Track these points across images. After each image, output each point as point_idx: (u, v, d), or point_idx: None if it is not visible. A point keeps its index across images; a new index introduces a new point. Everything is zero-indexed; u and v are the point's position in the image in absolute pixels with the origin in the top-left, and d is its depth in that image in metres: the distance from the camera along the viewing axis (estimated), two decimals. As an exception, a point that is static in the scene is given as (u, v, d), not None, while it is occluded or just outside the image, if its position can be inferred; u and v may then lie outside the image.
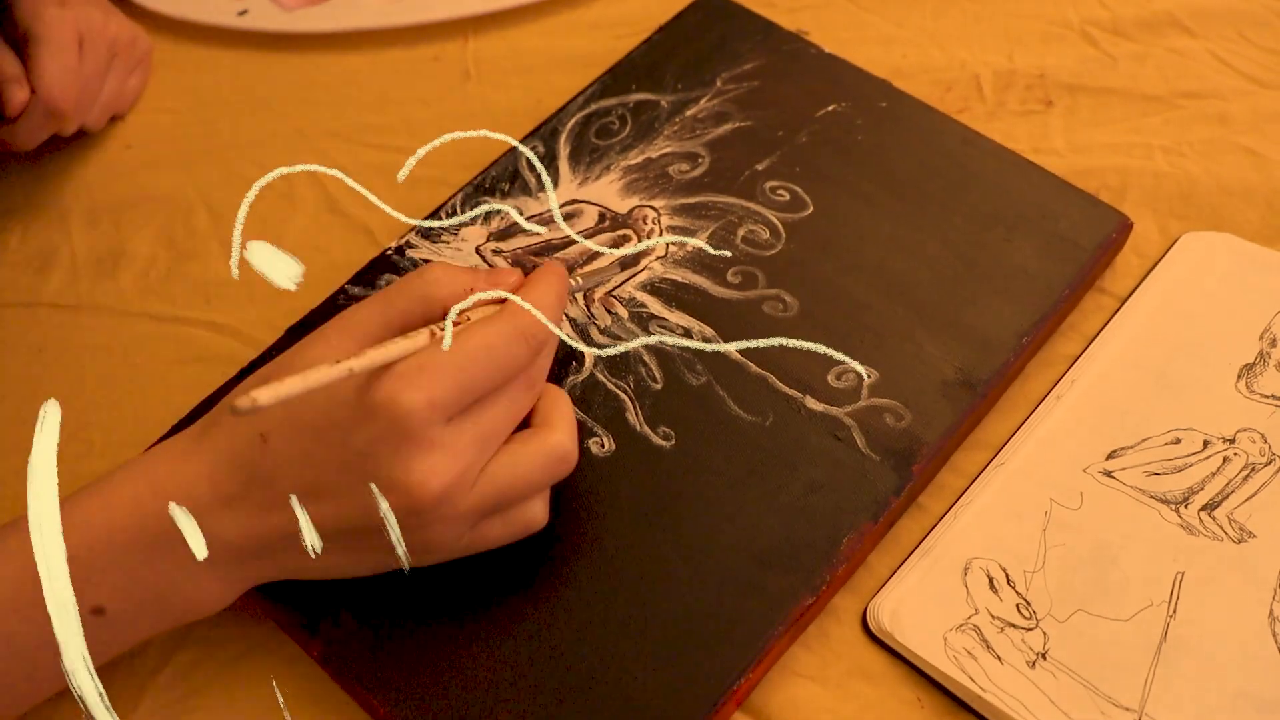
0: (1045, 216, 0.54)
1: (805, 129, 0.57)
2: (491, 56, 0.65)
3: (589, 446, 0.47)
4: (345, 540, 0.40)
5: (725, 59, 0.60)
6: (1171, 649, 0.43)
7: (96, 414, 0.52)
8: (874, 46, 0.64)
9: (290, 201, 0.59)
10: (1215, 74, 0.61)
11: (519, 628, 0.43)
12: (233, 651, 0.45)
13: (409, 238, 0.54)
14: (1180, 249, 0.55)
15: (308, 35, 0.66)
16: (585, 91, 0.59)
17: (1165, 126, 0.59)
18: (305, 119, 0.63)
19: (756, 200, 0.55)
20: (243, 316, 0.55)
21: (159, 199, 0.60)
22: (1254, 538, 0.46)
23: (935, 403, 0.48)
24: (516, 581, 0.44)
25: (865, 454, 0.47)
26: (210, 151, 0.62)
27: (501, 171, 0.57)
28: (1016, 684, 0.43)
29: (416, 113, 0.63)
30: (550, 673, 0.42)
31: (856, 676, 0.44)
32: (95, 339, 0.55)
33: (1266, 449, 0.48)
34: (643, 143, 0.57)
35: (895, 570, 0.46)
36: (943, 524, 0.47)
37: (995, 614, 0.44)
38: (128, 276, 0.57)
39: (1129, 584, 0.45)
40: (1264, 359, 0.51)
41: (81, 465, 0.51)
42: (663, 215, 0.55)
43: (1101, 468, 0.48)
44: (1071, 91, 0.61)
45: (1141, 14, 0.64)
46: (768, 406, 0.48)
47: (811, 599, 0.44)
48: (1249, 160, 0.58)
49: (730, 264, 0.53)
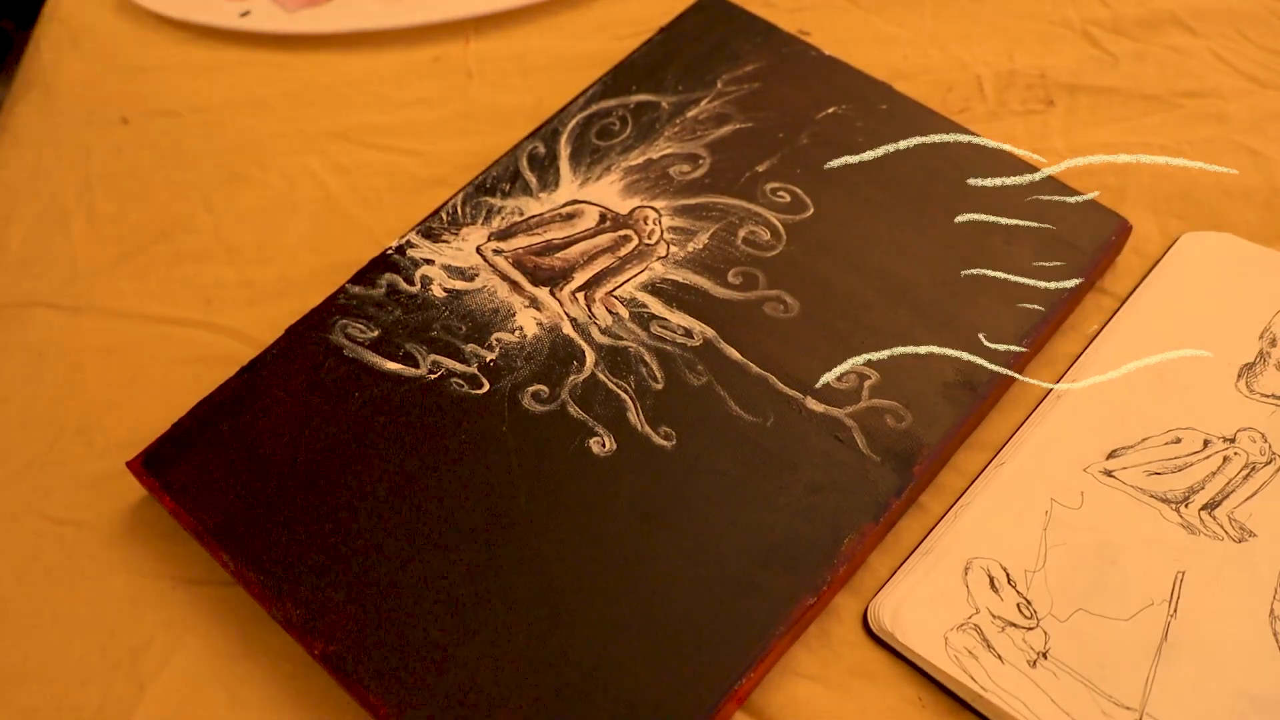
0: (1045, 218, 0.54)
1: (806, 131, 0.57)
2: (493, 57, 0.65)
3: (590, 446, 0.47)
4: None
5: (726, 60, 0.60)
6: (1172, 648, 0.43)
7: (96, 415, 0.52)
8: (874, 47, 0.64)
9: (290, 201, 0.60)
10: (1215, 73, 0.61)
11: (519, 628, 0.43)
12: (233, 652, 0.45)
13: (409, 237, 0.54)
14: (1180, 249, 0.55)
15: (309, 36, 0.67)
16: (586, 92, 0.59)
17: (1165, 126, 0.59)
18: (307, 120, 0.63)
19: (757, 201, 0.55)
20: (242, 317, 0.55)
21: (159, 200, 0.60)
22: (1254, 537, 0.46)
23: (936, 404, 0.48)
24: (517, 582, 0.44)
25: (866, 455, 0.47)
26: (211, 152, 0.62)
27: (502, 172, 0.57)
28: (1017, 683, 0.43)
29: (418, 113, 0.63)
30: (550, 673, 0.42)
31: (857, 676, 0.44)
32: (95, 340, 0.55)
33: (1267, 448, 0.48)
34: (644, 144, 0.57)
35: (896, 570, 0.46)
36: (943, 524, 0.47)
37: (996, 613, 0.44)
38: (127, 278, 0.57)
39: (1129, 583, 0.45)
40: (1264, 358, 0.51)
41: (81, 466, 0.51)
42: (663, 216, 0.55)
43: (1102, 467, 0.48)
44: (1072, 91, 0.61)
45: (1142, 13, 0.64)
46: (768, 407, 0.48)
47: (812, 599, 0.44)
48: (1249, 160, 0.58)
49: (731, 264, 0.53)
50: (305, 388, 0.50)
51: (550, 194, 0.56)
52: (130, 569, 0.48)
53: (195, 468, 0.48)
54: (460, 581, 0.44)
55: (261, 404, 0.49)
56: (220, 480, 0.47)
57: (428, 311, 0.52)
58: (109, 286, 0.57)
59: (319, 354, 0.50)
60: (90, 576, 0.48)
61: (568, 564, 0.44)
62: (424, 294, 0.52)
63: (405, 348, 0.51)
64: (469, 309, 0.52)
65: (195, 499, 0.47)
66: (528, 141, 0.58)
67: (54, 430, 0.52)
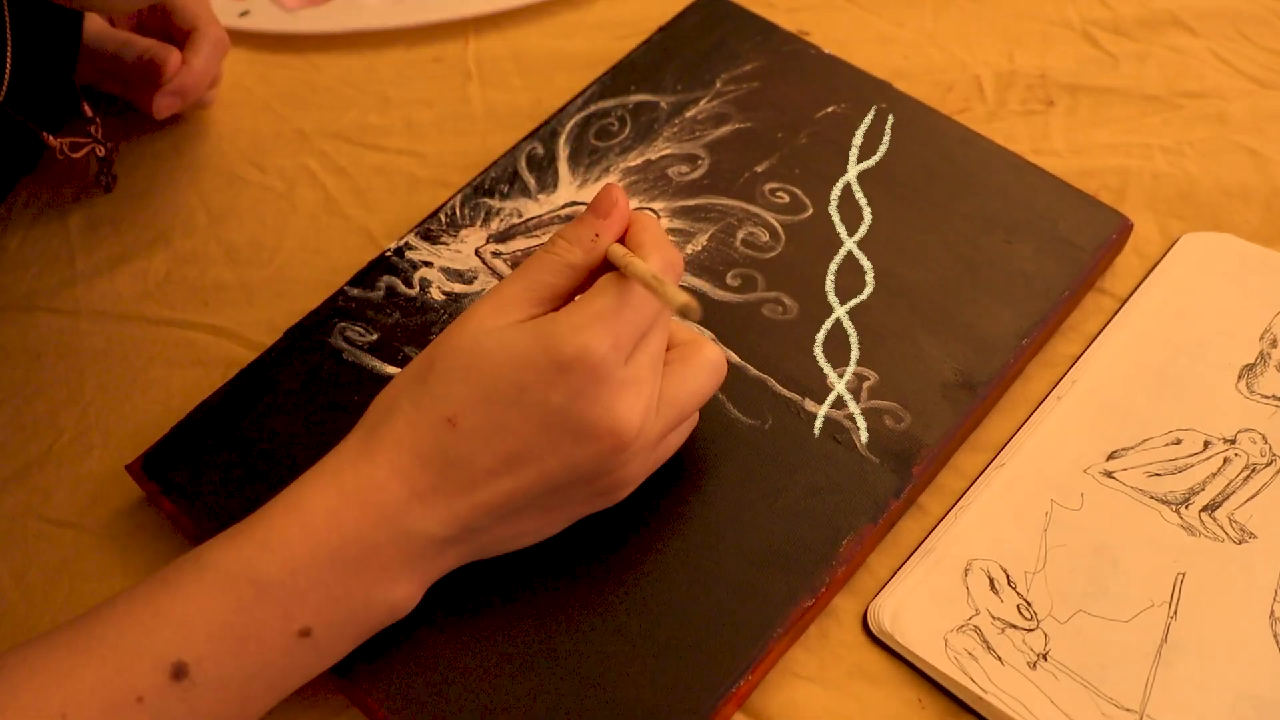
0: (1045, 217, 0.53)
1: (805, 130, 0.57)
2: (493, 57, 0.65)
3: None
4: (546, 500, 0.41)
5: (725, 60, 0.60)
6: (1172, 650, 0.43)
7: (96, 417, 0.52)
8: (874, 47, 0.64)
9: (290, 203, 0.59)
10: (1216, 73, 0.61)
11: (519, 629, 0.43)
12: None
13: (408, 239, 0.54)
14: (1180, 249, 0.54)
15: (309, 36, 0.66)
16: (584, 93, 0.59)
17: (1165, 126, 0.59)
18: (306, 120, 0.63)
19: (756, 202, 0.55)
20: (241, 319, 0.55)
21: (158, 201, 0.60)
22: (1255, 539, 0.46)
23: (935, 404, 0.48)
24: (516, 583, 0.44)
25: (865, 456, 0.47)
26: (210, 153, 0.62)
27: (501, 173, 0.56)
28: (1017, 685, 0.43)
29: (418, 113, 0.63)
30: (550, 675, 0.42)
31: (857, 678, 0.44)
32: (94, 343, 0.55)
33: (1267, 449, 0.48)
34: (642, 144, 0.57)
35: (896, 571, 0.46)
36: (943, 525, 0.47)
37: (996, 615, 0.44)
38: (126, 280, 0.57)
39: (1130, 585, 0.45)
40: (1264, 359, 0.50)
41: (81, 467, 0.51)
42: (662, 217, 0.54)
43: (1102, 468, 0.48)
44: (1072, 91, 0.61)
45: (1142, 13, 0.64)
46: (767, 409, 0.48)
47: (811, 600, 0.44)
48: (1249, 160, 0.58)
49: (730, 266, 0.53)
50: (304, 391, 0.49)
51: (549, 195, 0.56)
52: (129, 572, 0.48)
53: (194, 471, 0.48)
54: (458, 584, 0.44)
55: (261, 407, 0.49)
56: (219, 484, 0.47)
57: (427, 314, 0.52)
58: (108, 288, 0.57)
59: (318, 357, 0.50)
60: (89, 579, 0.48)
61: (567, 566, 0.44)
62: (423, 297, 0.52)
63: (404, 351, 0.50)
64: (468, 311, 0.52)
65: (194, 502, 0.47)
66: (526, 142, 0.57)
67: (53, 433, 0.52)
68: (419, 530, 0.40)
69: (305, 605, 0.39)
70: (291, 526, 0.39)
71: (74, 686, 0.36)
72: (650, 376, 0.41)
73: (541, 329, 0.40)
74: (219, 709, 0.38)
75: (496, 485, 0.40)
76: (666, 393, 0.42)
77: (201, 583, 0.39)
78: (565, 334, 0.39)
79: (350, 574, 0.39)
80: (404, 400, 0.41)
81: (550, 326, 0.40)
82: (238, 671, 0.38)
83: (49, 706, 0.36)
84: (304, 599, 0.39)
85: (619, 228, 0.43)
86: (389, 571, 0.40)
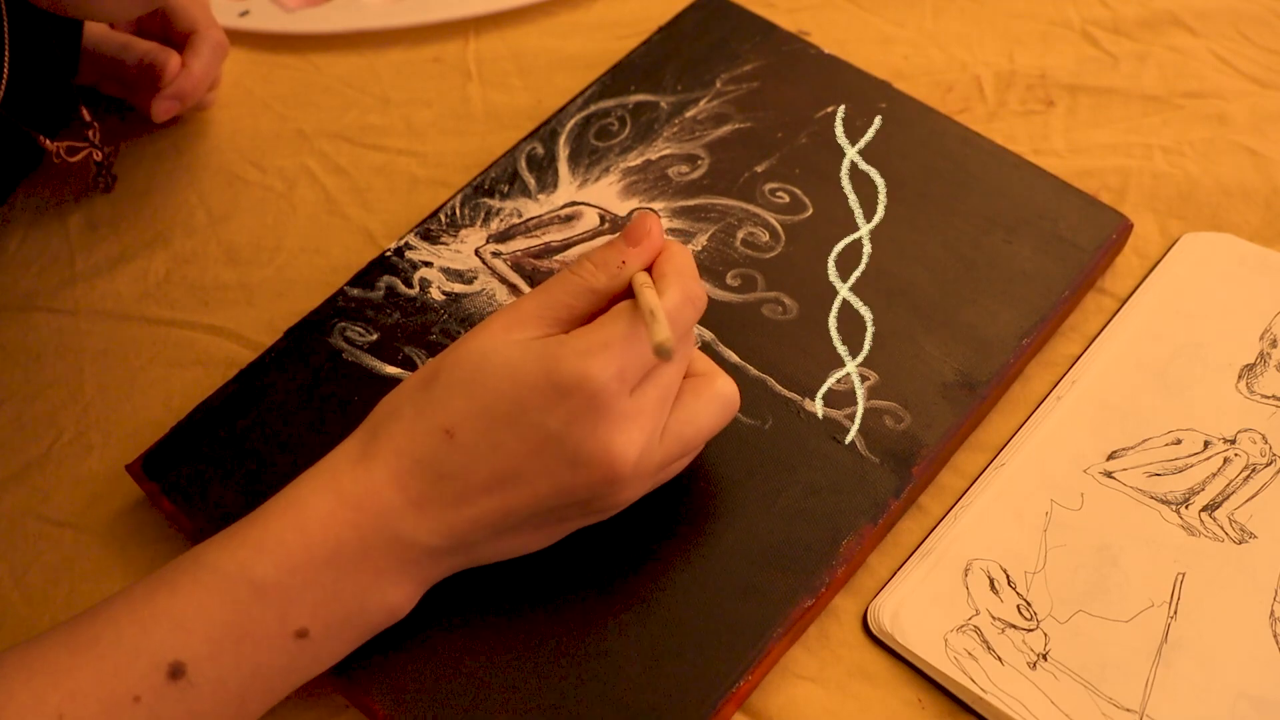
0: (1045, 217, 0.53)
1: (805, 130, 0.57)
2: (492, 57, 0.65)
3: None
4: (539, 519, 0.41)
5: (725, 60, 0.60)
6: (1172, 650, 0.43)
7: (96, 417, 0.52)
8: (874, 47, 0.64)
9: (289, 203, 0.59)
10: (1216, 74, 0.61)
11: (518, 629, 0.43)
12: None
13: (408, 239, 0.54)
14: (1180, 249, 0.55)
15: (309, 36, 0.66)
16: (584, 93, 0.59)
17: (1165, 127, 0.59)
18: (306, 120, 0.63)
19: (756, 202, 0.55)
20: (241, 319, 0.55)
21: (157, 201, 0.60)
22: (1255, 539, 0.46)
23: (935, 404, 0.48)
24: (516, 583, 0.44)
25: (865, 456, 0.47)
26: (210, 153, 0.62)
27: (501, 173, 0.56)
28: (1017, 685, 0.43)
29: (417, 113, 0.63)
30: (550, 675, 0.42)
31: (857, 678, 0.44)
32: (94, 343, 0.55)
33: (1267, 450, 0.48)
34: (642, 144, 0.57)
35: (896, 571, 0.46)
36: (943, 525, 0.47)
37: (996, 615, 0.44)
38: (126, 280, 0.57)
39: (1130, 585, 0.45)
40: (1264, 359, 0.50)
41: (81, 468, 0.51)
42: (662, 217, 0.54)
43: (1102, 468, 0.48)
44: (1072, 91, 0.61)
45: (1142, 13, 0.64)
46: (767, 409, 0.48)
47: (811, 600, 0.44)
48: (1249, 160, 0.58)
49: (730, 266, 0.53)
50: (304, 391, 0.49)
51: (549, 195, 0.56)
52: (129, 572, 0.48)
53: (194, 471, 0.48)
54: (457, 584, 0.44)
55: (261, 407, 0.49)
56: (219, 484, 0.47)
57: (426, 315, 0.52)
58: (108, 288, 0.57)
59: (318, 357, 0.50)
60: (89, 579, 0.48)
61: (566, 566, 0.44)
62: (423, 297, 0.52)
63: (404, 351, 0.50)
64: (468, 312, 0.52)
65: (194, 503, 0.47)
66: (526, 142, 0.57)
67: (53, 433, 0.52)
68: (413, 538, 0.40)
69: (302, 606, 0.39)
70: (288, 528, 0.39)
71: (71, 686, 0.36)
72: (655, 410, 0.40)
73: (547, 349, 0.39)
74: (216, 709, 0.38)
75: (488, 502, 0.40)
76: (672, 426, 0.41)
77: (199, 583, 0.39)
78: (569, 357, 0.39)
79: (346, 576, 0.39)
80: (407, 406, 0.41)
81: (556, 348, 0.39)
82: (235, 672, 0.38)
83: (46, 706, 0.36)
84: (300, 600, 0.39)
85: (647, 258, 0.42)
86: (385, 575, 0.40)
